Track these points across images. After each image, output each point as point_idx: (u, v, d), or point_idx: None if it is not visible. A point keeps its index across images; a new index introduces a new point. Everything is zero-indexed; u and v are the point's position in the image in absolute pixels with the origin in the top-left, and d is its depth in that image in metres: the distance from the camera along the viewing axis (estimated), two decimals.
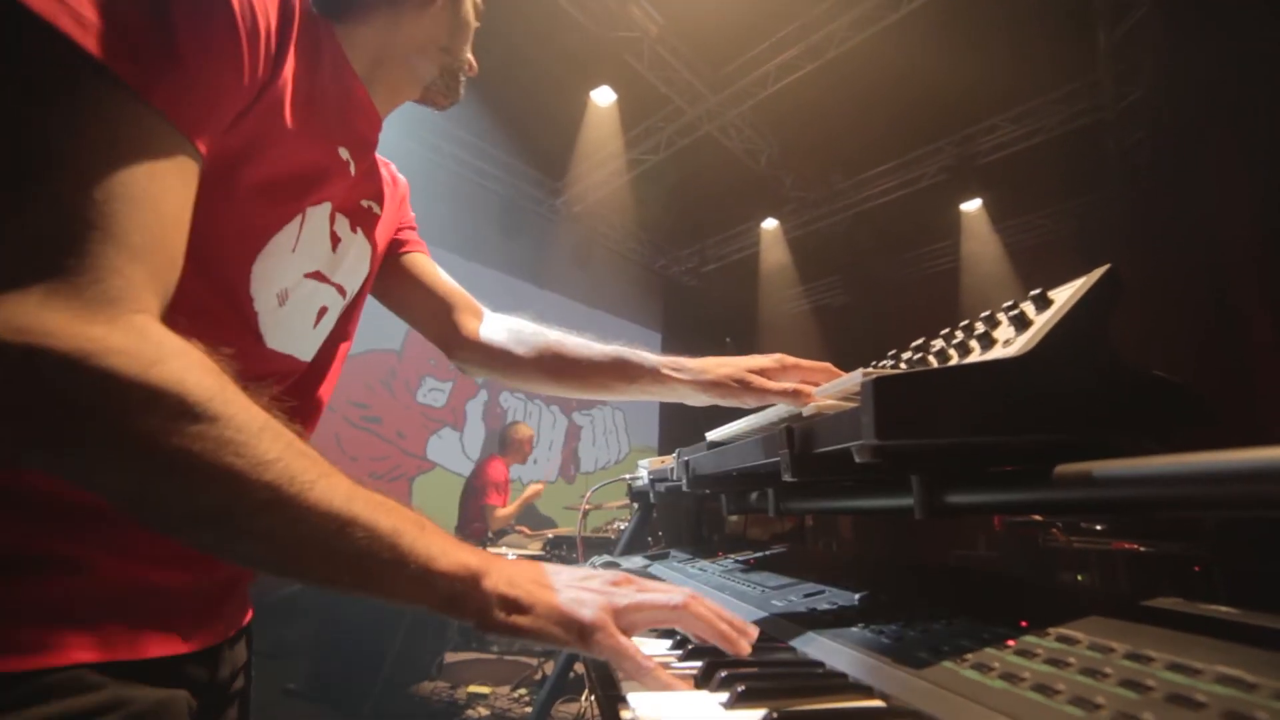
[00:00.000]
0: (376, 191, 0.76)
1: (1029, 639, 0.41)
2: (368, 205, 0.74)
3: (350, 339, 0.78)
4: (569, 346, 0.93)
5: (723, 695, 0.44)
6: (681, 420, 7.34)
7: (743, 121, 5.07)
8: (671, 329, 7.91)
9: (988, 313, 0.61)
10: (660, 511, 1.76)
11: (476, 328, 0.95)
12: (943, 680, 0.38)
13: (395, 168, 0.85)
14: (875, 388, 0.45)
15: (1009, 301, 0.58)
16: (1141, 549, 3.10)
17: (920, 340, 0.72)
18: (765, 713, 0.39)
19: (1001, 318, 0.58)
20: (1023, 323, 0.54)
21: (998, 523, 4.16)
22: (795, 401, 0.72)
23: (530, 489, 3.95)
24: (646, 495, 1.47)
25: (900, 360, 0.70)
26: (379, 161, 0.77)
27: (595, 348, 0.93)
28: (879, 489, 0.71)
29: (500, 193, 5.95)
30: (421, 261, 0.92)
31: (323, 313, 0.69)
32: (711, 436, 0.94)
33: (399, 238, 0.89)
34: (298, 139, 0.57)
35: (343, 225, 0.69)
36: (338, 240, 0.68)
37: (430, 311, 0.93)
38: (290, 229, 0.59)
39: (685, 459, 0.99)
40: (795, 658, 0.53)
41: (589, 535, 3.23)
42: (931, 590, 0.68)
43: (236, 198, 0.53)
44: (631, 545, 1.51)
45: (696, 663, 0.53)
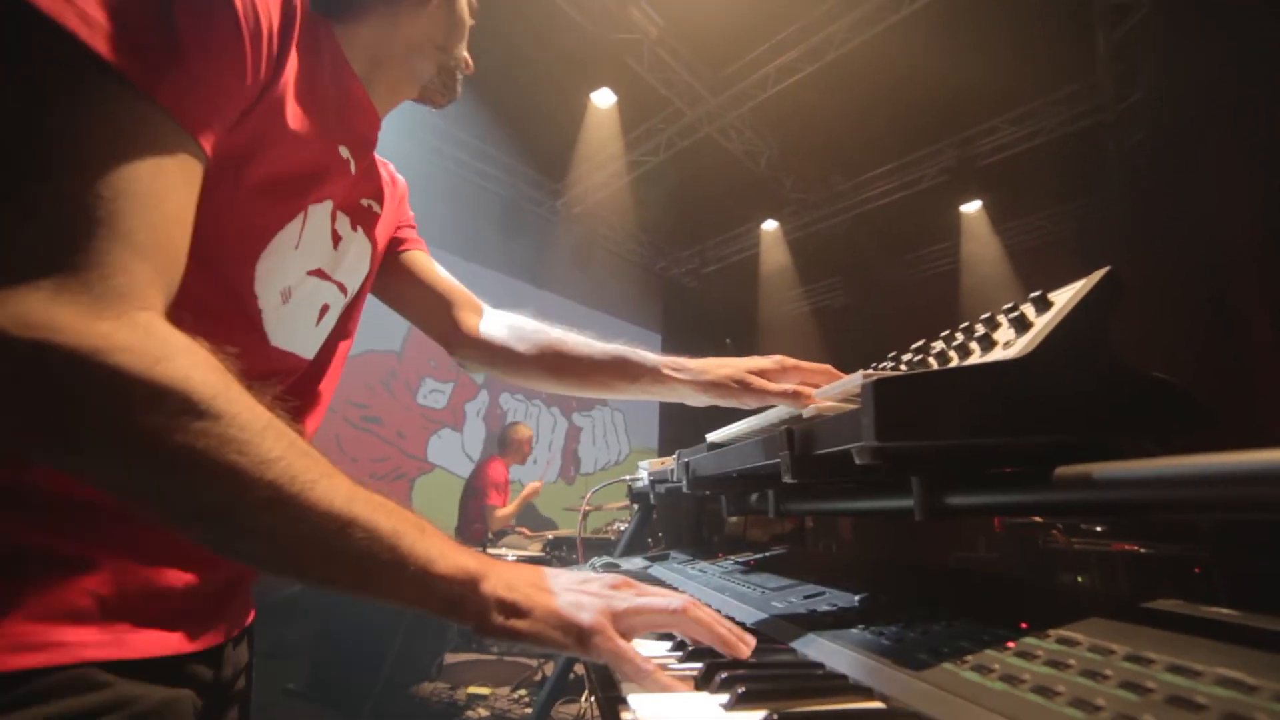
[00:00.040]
0: (376, 190, 0.77)
1: (1029, 640, 0.41)
2: (368, 204, 0.75)
3: (351, 337, 0.78)
4: (570, 344, 0.93)
5: (723, 696, 0.44)
6: (682, 421, 7.34)
7: (743, 123, 5.07)
8: (671, 330, 7.92)
9: (988, 314, 0.61)
10: (660, 513, 1.75)
11: (476, 324, 0.95)
12: (943, 682, 0.38)
13: (394, 168, 0.86)
14: (875, 389, 0.45)
15: (1009, 303, 0.58)
16: (1141, 550, 3.10)
17: (920, 342, 0.72)
18: (765, 714, 0.39)
19: (1001, 319, 0.58)
20: (1023, 324, 0.54)
21: (998, 524, 4.16)
22: (795, 403, 0.72)
23: (529, 487, 3.95)
24: (646, 496, 1.47)
25: (900, 362, 0.70)
26: (378, 161, 0.78)
27: (596, 346, 0.93)
28: (879, 490, 0.71)
29: (500, 194, 5.96)
30: (421, 259, 0.93)
31: (324, 310, 0.70)
32: (712, 438, 0.94)
33: (398, 236, 0.89)
34: (299, 138, 0.57)
35: (343, 223, 0.69)
36: (339, 238, 0.69)
37: (430, 308, 0.93)
38: (293, 227, 0.60)
39: (685, 460, 0.99)
40: (795, 659, 0.53)
41: (589, 536, 3.23)
42: (932, 592, 0.68)
43: (239, 196, 0.53)
44: (631, 546, 1.51)
45: (696, 664, 0.53)
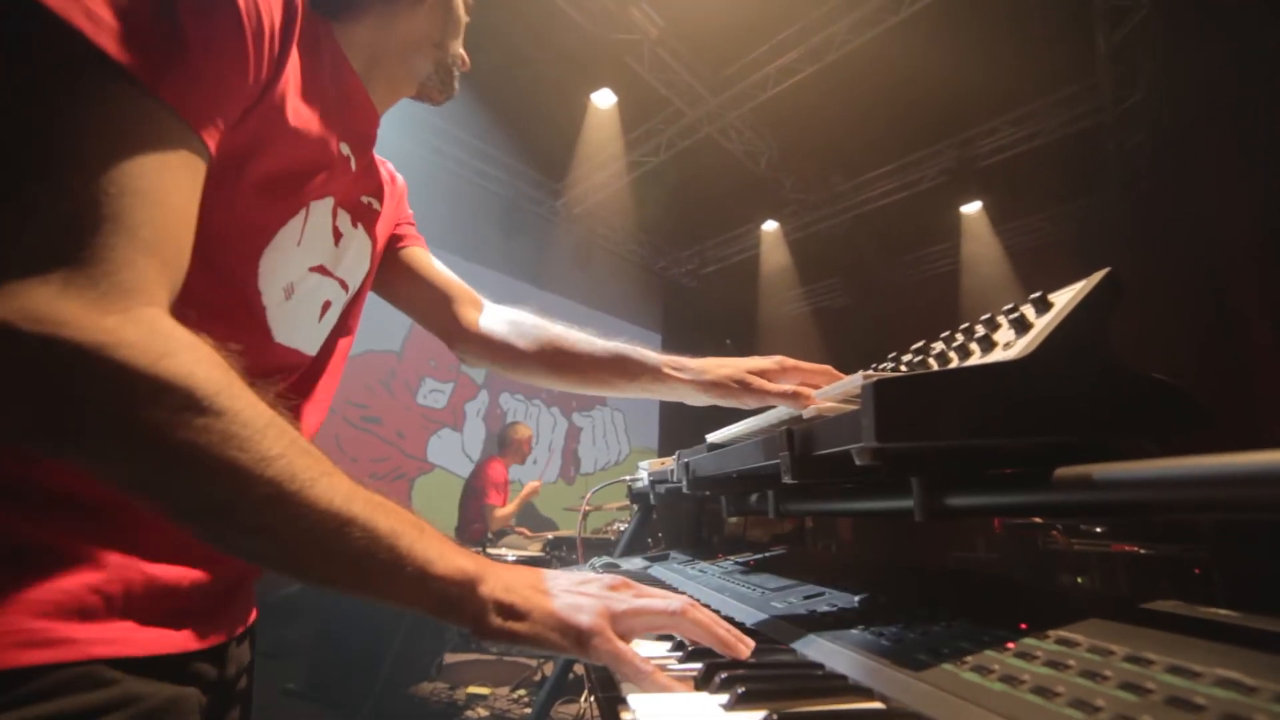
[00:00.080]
0: (376, 188, 0.77)
1: (1029, 641, 0.41)
2: (368, 201, 0.75)
3: (352, 334, 0.79)
4: (571, 341, 0.93)
5: (723, 697, 0.44)
6: (681, 422, 7.35)
7: (743, 124, 5.07)
8: (671, 330, 7.92)
9: (987, 315, 0.61)
10: (660, 513, 1.75)
11: (477, 319, 0.95)
12: (942, 682, 0.38)
13: (392, 166, 0.86)
14: (875, 390, 0.46)
15: (1009, 304, 0.58)
16: (1141, 551, 3.10)
17: (920, 343, 0.72)
18: (765, 714, 0.39)
19: (1001, 320, 0.58)
20: (1023, 325, 0.54)
21: (997, 525, 4.16)
22: (795, 404, 0.73)
23: (528, 487, 3.95)
24: (646, 497, 1.47)
25: (900, 363, 0.70)
26: (377, 160, 0.78)
27: (597, 343, 0.93)
28: (879, 491, 0.71)
29: (501, 194, 5.96)
30: (420, 255, 0.93)
31: (326, 307, 0.70)
32: (712, 438, 0.94)
33: (397, 232, 0.90)
34: (300, 135, 0.58)
35: (344, 220, 0.70)
36: (340, 235, 0.69)
37: (430, 303, 0.94)
38: (295, 223, 0.60)
39: (685, 460, 0.99)
40: (795, 659, 0.53)
41: (589, 536, 3.23)
42: (931, 592, 0.68)
43: (242, 193, 0.54)
44: (631, 547, 1.51)
45: (696, 665, 0.53)
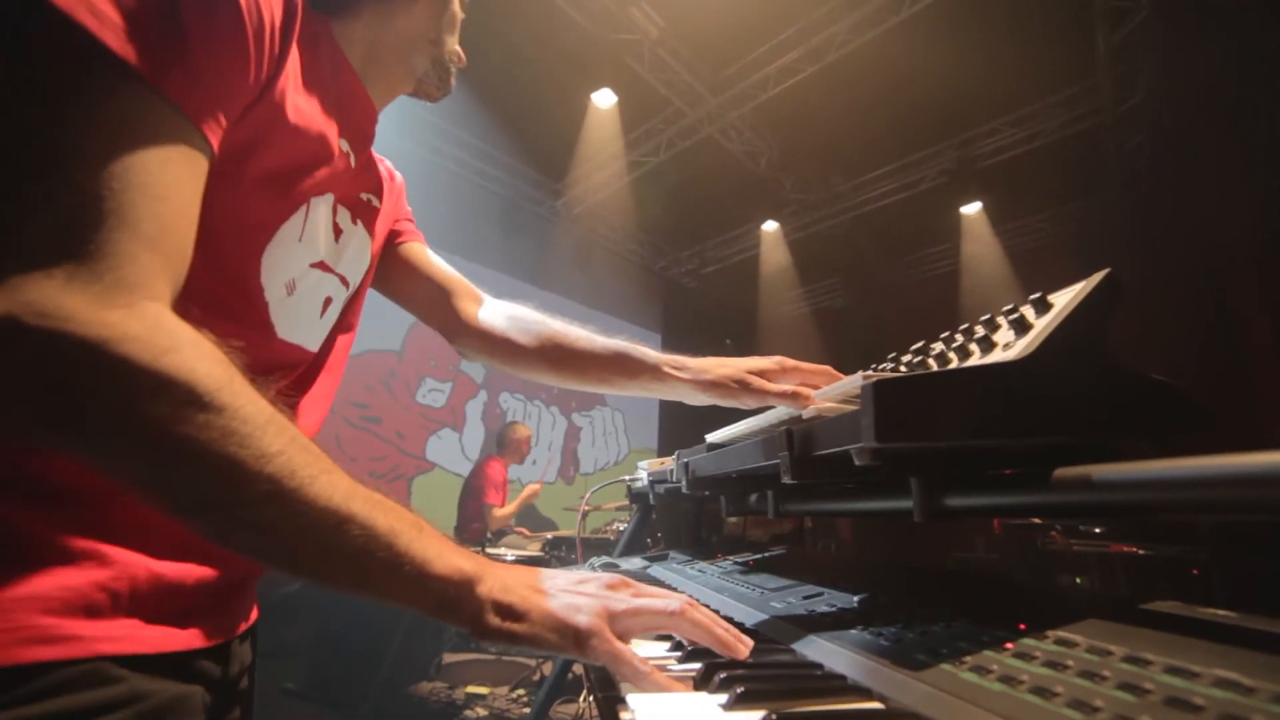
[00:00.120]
0: (375, 185, 0.77)
1: (1027, 641, 0.42)
2: (367, 198, 0.76)
3: (353, 331, 0.79)
4: (571, 337, 0.93)
5: (722, 696, 0.44)
6: (681, 422, 7.34)
7: (743, 124, 5.07)
8: (671, 330, 7.91)
9: (987, 316, 0.61)
10: (659, 513, 1.76)
11: (476, 312, 0.95)
12: (941, 682, 0.38)
13: (391, 164, 0.87)
14: (875, 391, 0.46)
15: (1008, 305, 0.58)
16: (1140, 552, 3.10)
17: (920, 343, 0.72)
18: (764, 714, 0.39)
19: (1001, 321, 0.58)
20: (1022, 326, 0.54)
21: (997, 525, 4.17)
22: (795, 404, 0.73)
23: (528, 489, 3.95)
24: (646, 496, 1.47)
25: (900, 363, 0.70)
26: (375, 157, 0.79)
27: (598, 341, 0.92)
28: (878, 491, 0.71)
29: (501, 194, 5.96)
30: (418, 250, 0.93)
31: (328, 303, 0.70)
32: (711, 438, 0.94)
33: (396, 228, 0.90)
34: (300, 132, 0.58)
35: (344, 217, 0.71)
36: (340, 231, 0.70)
37: (429, 298, 0.94)
38: (296, 219, 0.61)
39: (685, 460, 0.99)
40: (794, 659, 0.53)
41: (588, 536, 3.23)
42: (930, 592, 0.68)
43: (244, 189, 0.54)
44: (630, 546, 1.51)
45: (695, 665, 0.53)
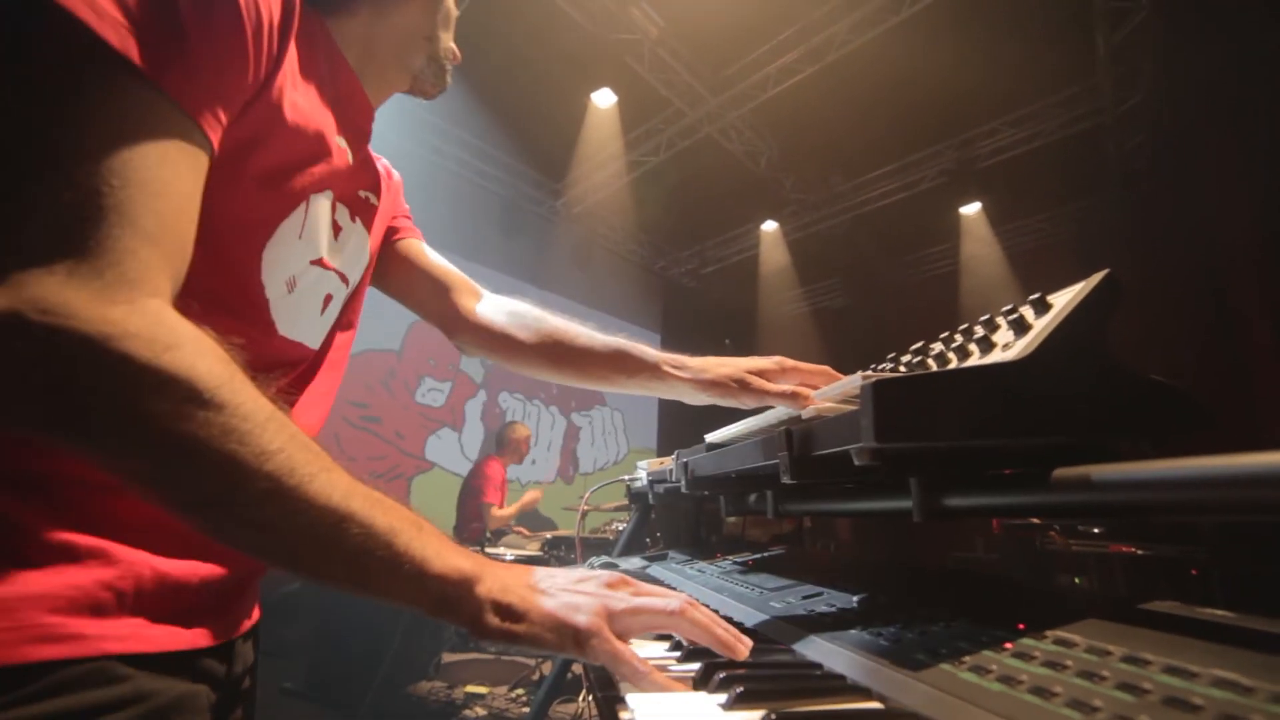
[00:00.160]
0: (373, 183, 0.78)
1: (1027, 641, 0.42)
2: (365, 196, 0.76)
3: (354, 328, 0.79)
4: (571, 334, 0.92)
5: (721, 696, 0.44)
6: (680, 421, 7.34)
7: (743, 124, 5.07)
8: (671, 330, 7.91)
9: (986, 316, 0.61)
10: (659, 513, 1.75)
11: (475, 307, 0.95)
12: (940, 682, 0.38)
13: (388, 162, 0.87)
14: (874, 391, 0.45)
15: (1008, 305, 0.58)
16: (1139, 552, 3.10)
17: (919, 344, 0.72)
18: (764, 714, 0.39)
19: (1000, 321, 0.58)
20: (1021, 327, 0.54)
21: (996, 525, 4.17)
22: (794, 404, 0.72)
23: (528, 495, 3.94)
24: (645, 496, 1.47)
25: (899, 363, 0.70)
26: (372, 155, 0.79)
27: (597, 338, 0.92)
28: (878, 491, 0.71)
29: (501, 194, 5.96)
30: (416, 246, 0.93)
31: (328, 300, 0.70)
32: (710, 438, 0.93)
33: (393, 225, 0.90)
34: (298, 129, 0.58)
35: (343, 214, 0.71)
36: (339, 229, 0.70)
37: (428, 294, 0.94)
38: (296, 216, 0.61)
39: (684, 460, 0.99)
40: (793, 659, 0.53)
41: (587, 536, 3.23)
42: (930, 592, 0.68)
43: (243, 187, 0.54)
44: (630, 546, 1.51)
45: (695, 665, 0.53)
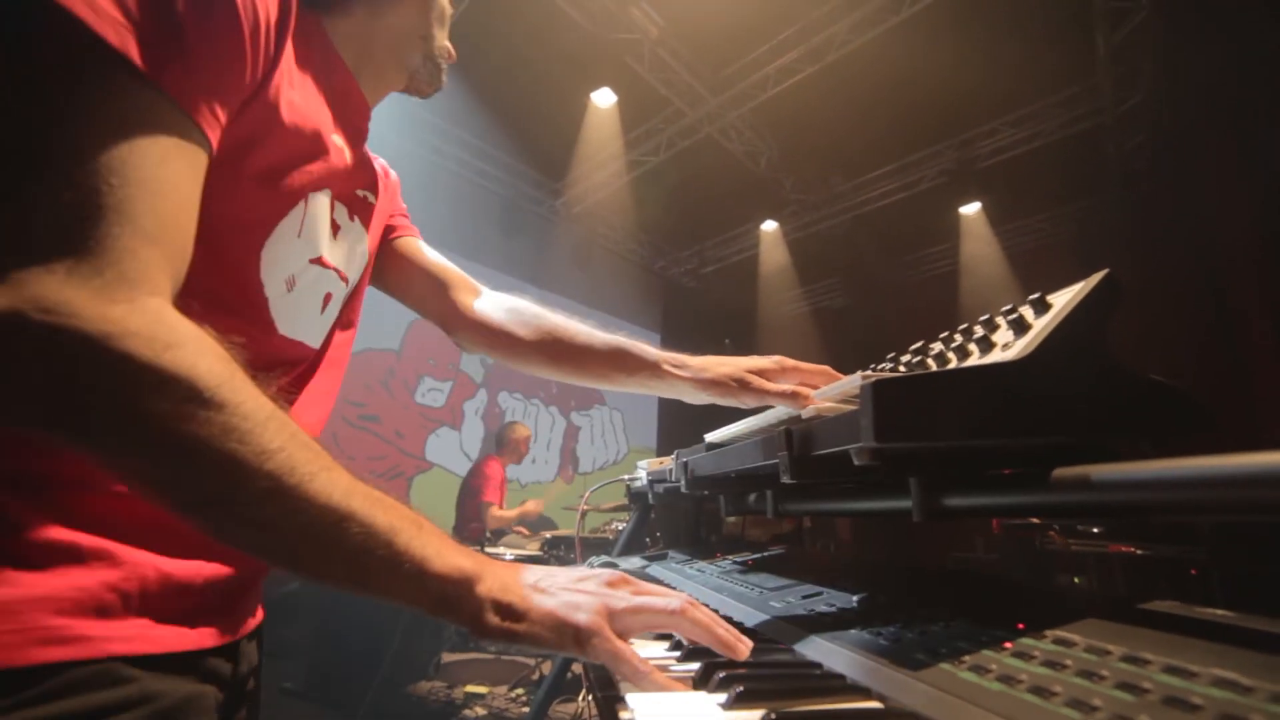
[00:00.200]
0: (371, 182, 0.78)
1: (1026, 641, 0.42)
2: (363, 195, 0.76)
3: (354, 327, 0.79)
4: (571, 332, 0.92)
5: (721, 696, 0.44)
6: (680, 421, 7.34)
7: (743, 124, 5.07)
8: (671, 330, 7.91)
9: (986, 316, 0.61)
10: (658, 512, 1.75)
11: (473, 303, 0.95)
12: (940, 682, 0.38)
13: (385, 162, 0.87)
14: (874, 390, 0.45)
15: (1008, 305, 0.58)
16: (1138, 552, 3.11)
17: (919, 343, 0.72)
18: (763, 713, 0.39)
19: (1000, 321, 0.58)
20: (1021, 326, 0.54)
21: (996, 525, 4.17)
22: (794, 403, 0.72)
23: (530, 504, 3.92)
24: (645, 496, 1.47)
25: (899, 363, 0.70)
26: (370, 155, 0.79)
27: (597, 335, 0.92)
28: (877, 491, 0.71)
29: (500, 193, 5.96)
30: (414, 244, 0.94)
31: (328, 299, 0.70)
32: (710, 438, 0.93)
33: (391, 223, 0.90)
34: (296, 129, 0.58)
35: (341, 213, 0.71)
36: (338, 228, 0.70)
37: (427, 291, 0.94)
38: (295, 215, 0.61)
39: (684, 460, 0.99)
40: (793, 659, 0.53)
41: (587, 536, 3.23)
42: (929, 592, 0.68)
43: (242, 186, 0.54)
44: (629, 546, 1.51)
45: (695, 664, 0.53)
